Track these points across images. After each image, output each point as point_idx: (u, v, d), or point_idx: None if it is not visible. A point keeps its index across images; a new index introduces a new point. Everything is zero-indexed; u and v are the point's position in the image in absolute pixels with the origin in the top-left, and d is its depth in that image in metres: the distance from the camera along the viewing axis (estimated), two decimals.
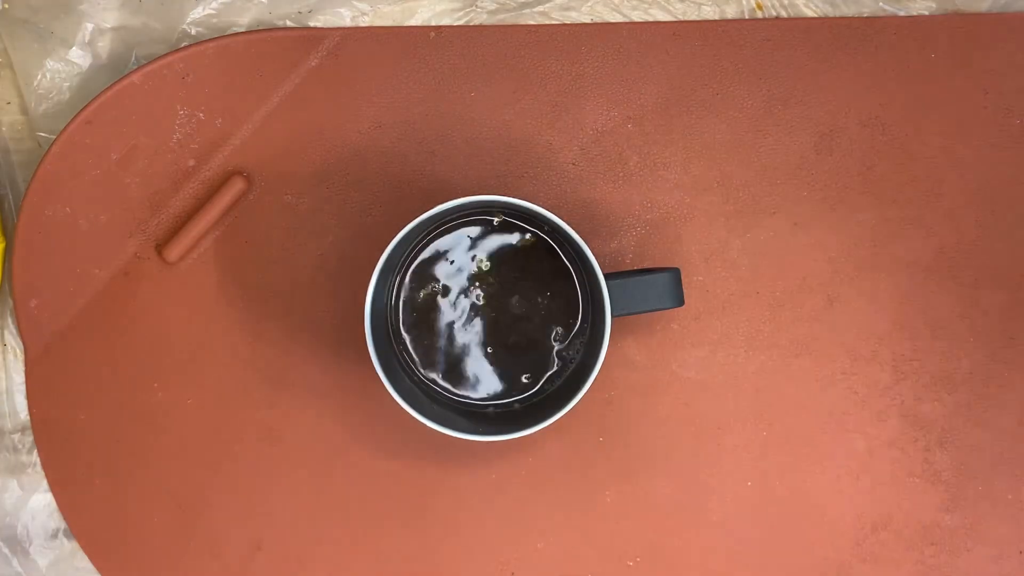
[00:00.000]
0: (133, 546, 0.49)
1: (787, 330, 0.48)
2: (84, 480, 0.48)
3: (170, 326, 0.48)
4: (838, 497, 0.48)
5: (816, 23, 0.48)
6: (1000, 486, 0.48)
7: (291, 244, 0.48)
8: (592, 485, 0.48)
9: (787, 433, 0.48)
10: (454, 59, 0.48)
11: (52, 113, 0.49)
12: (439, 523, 0.48)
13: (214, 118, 0.48)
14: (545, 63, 0.48)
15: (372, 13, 0.49)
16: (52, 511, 0.50)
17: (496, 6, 0.48)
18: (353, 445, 0.48)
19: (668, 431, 0.48)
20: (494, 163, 0.48)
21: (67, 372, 0.48)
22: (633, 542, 0.48)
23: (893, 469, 0.48)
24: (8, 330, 0.50)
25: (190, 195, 0.48)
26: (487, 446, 0.48)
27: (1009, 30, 0.48)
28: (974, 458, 0.48)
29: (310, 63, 0.48)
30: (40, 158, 0.48)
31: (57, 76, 0.49)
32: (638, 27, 0.48)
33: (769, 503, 0.48)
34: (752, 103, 0.48)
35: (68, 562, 0.50)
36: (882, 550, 0.48)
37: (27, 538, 0.50)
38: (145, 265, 0.48)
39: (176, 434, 0.48)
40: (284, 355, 0.48)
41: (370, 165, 0.48)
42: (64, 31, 0.48)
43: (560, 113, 0.48)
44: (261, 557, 0.49)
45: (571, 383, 0.44)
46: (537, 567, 0.48)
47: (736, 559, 0.48)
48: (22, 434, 0.50)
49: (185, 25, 0.48)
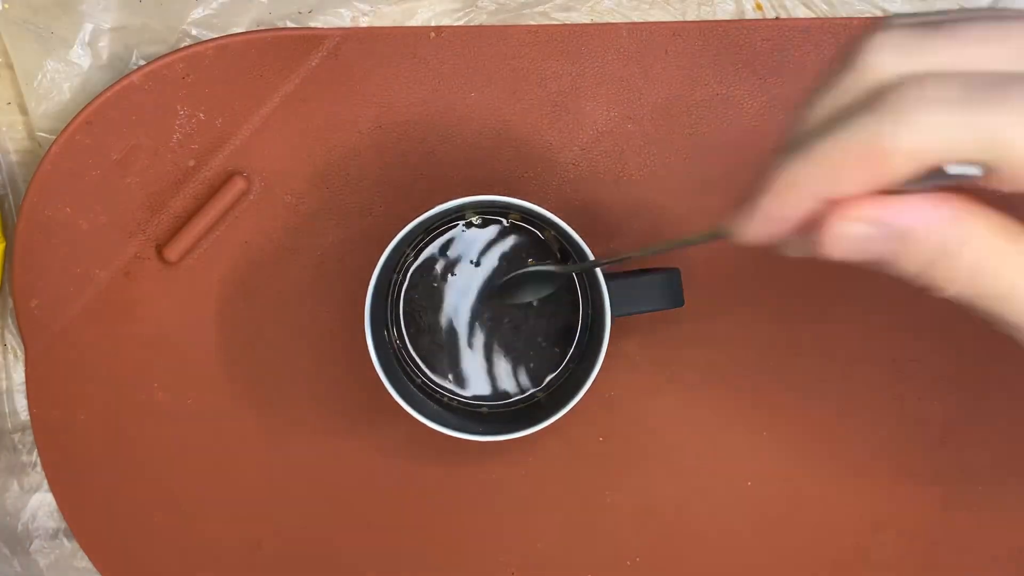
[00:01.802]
0: (133, 546, 0.49)
1: (787, 330, 0.48)
2: (84, 480, 0.48)
3: (170, 326, 0.48)
4: (838, 497, 0.48)
5: (816, 23, 0.48)
6: (1000, 486, 0.48)
7: (291, 244, 0.48)
8: (592, 485, 0.48)
9: (787, 433, 0.48)
10: (454, 59, 0.48)
11: (52, 113, 0.49)
12: (439, 523, 0.48)
13: (214, 118, 0.48)
14: (545, 63, 0.48)
15: (372, 13, 0.49)
16: (52, 511, 0.50)
17: (496, 6, 0.48)
18: (353, 445, 0.48)
19: (668, 431, 0.48)
20: (494, 163, 0.48)
21: (67, 372, 0.48)
22: (633, 542, 0.48)
23: (893, 469, 0.48)
24: (8, 330, 0.50)
25: (190, 195, 0.48)
26: (487, 446, 0.48)
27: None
28: (974, 458, 0.48)
29: (310, 63, 0.48)
30: (40, 158, 0.48)
31: (57, 76, 0.49)
32: (638, 27, 0.48)
33: (769, 503, 0.48)
34: (752, 103, 0.48)
35: (68, 562, 0.50)
36: (882, 550, 0.48)
37: (27, 538, 0.50)
38: (145, 265, 0.48)
39: (176, 434, 0.48)
40: (284, 355, 0.48)
41: (370, 165, 0.48)
42: (64, 31, 0.48)
43: (560, 113, 0.48)
44: (261, 557, 0.49)
45: (571, 383, 0.44)
46: (537, 567, 0.48)
47: (736, 559, 0.48)
48: (22, 434, 0.50)
49: (185, 25, 0.48)
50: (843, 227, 0.25)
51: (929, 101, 0.23)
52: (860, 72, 0.25)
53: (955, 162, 0.23)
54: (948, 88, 0.24)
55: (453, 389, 0.46)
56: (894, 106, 0.24)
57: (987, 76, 0.24)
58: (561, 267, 0.44)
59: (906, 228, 0.25)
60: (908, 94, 0.24)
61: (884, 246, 0.25)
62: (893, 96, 0.24)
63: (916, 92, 0.24)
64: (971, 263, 0.25)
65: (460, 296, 0.46)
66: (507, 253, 0.46)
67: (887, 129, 0.24)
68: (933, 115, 0.23)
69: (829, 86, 0.26)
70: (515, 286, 0.44)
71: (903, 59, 0.25)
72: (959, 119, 0.23)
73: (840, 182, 0.25)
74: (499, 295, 0.45)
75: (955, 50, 0.25)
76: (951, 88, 0.24)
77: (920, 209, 0.24)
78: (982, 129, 0.23)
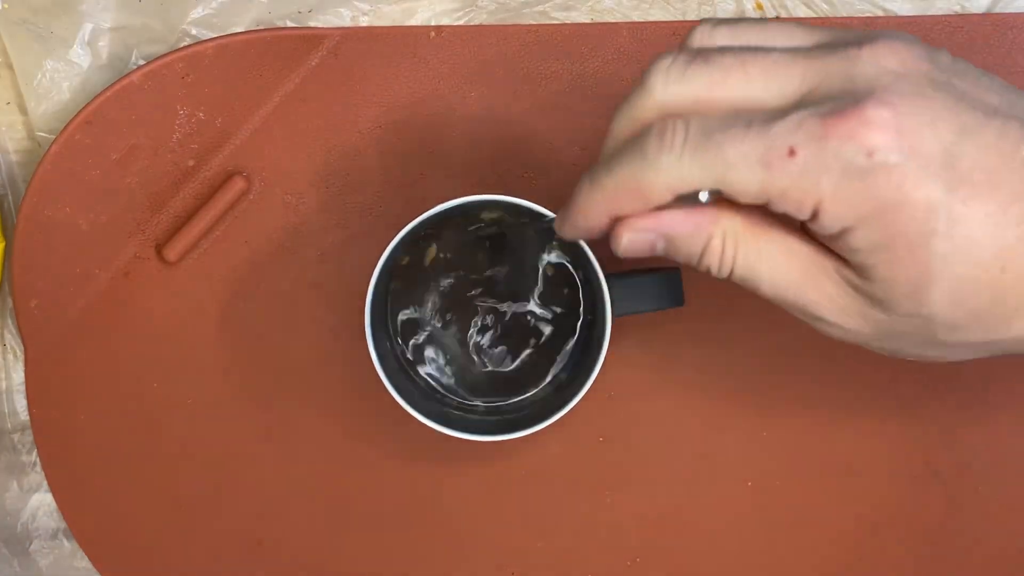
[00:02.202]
0: (133, 546, 0.49)
1: (787, 330, 0.48)
2: (84, 480, 0.48)
3: (170, 326, 0.48)
4: (838, 497, 0.48)
5: (816, 23, 0.48)
6: (1000, 486, 0.48)
7: (291, 244, 0.48)
8: (592, 485, 0.48)
9: (787, 433, 0.48)
10: (454, 59, 0.48)
11: (52, 113, 0.49)
12: (439, 523, 0.48)
13: (214, 118, 0.48)
14: (545, 63, 0.48)
15: (372, 13, 0.49)
16: (52, 511, 0.50)
17: (496, 5, 0.48)
18: (353, 445, 0.48)
19: (668, 431, 0.48)
20: (494, 163, 0.48)
21: (67, 372, 0.48)
22: (633, 542, 0.48)
23: (893, 469, 0.48)
24: (8, 330, 0.50)
25: (190, 195, 0.48)
26: (487, 446, 0.47)
27: (1009, 30, 0.48)
28: (974, 458, 0.48)
29: (310, 63, 0.48)
30: (40, 158, 0.48)
31: (57, 76, 0.49)
32: (638, 27, 0.48)
33: (769, 503, 0.48)
34: None
35: (68, 562, 0.50)
36: (882, 551, 0.48)
37: (26, 538, 0.50)
38: (145, 265, 0.48)
39: (176, 434, 0.48)
40: (284, 355, 0.48)
41: (370, 165, 0.48)
42: (64, 31, 0.48)
43: (560, 113, 0.48)
44: (261, 557, 0.49)
45: (571, 383, 0.44)
46: (537, 567, 0.48)
47: (736, 559, 0.48)
48: (22, 434, 0.50)
49: (185, 25, 0.48)
50: (626, 236, 0.34)
51: (669, 149, 0.31)
52: (646, 94, 0.33)
53: (696, 191, 0.32)
54: (686, 134, 0.31)
55: (453, 389, 0.46)
56: (647, 151, 0.32)
57: (717, 120, 0.31)
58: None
59: (669, 234, 0.33)
60: (654, 143, 0.32)
61: (658, 246, 0.34)
62: (648, 141, 0.32)
63: (657, 142, 0.32)
64: (721, 256, 0.33)
65: (460, 296, 0.46)
66: (507, 253, 0.45)
67: (642, 173, 0.32)
68: (673, 160, 0.31)
69: (627, 103, 0.34)
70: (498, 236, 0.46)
71: (672, 87, 0.32)
72: (691, 163, 0.31)
73: (621, 207, 0.33)
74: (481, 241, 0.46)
75: (708, 81, 0.32)
76: (689, 133, 0.31)
77: (678, 219, 0.33)
78: (708, 170, 0.31)
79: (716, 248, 0.33)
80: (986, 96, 0.32)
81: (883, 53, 0.31)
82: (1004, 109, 0.32)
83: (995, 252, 0.31)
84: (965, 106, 0.31)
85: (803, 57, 0.32)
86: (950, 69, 0.32)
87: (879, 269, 0.32)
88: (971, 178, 0.30)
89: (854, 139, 0.30)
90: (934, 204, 0.30)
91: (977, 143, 0.31)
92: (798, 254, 0.33)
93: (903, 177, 0.30)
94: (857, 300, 0.33)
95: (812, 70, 0.32)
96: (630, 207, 0.33)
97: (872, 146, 0.30)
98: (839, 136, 0.30)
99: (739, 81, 0.32)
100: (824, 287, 0.33)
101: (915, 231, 0.31)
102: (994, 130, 0.31)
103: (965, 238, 0.31)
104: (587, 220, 0.34)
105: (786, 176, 0.31)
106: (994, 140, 0.31)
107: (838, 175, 0.30)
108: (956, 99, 0.31)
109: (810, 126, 0.30)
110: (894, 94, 0.31)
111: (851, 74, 0.31)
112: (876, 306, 0.33)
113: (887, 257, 0.31)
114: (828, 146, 0.30)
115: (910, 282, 0.31)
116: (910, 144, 0.30)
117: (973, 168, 0.30)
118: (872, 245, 0.31)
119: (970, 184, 0.30)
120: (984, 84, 0.32)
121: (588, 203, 0.34)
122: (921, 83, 0.31)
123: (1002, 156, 0.31)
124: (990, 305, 0.32)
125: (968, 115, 0.31)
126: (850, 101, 0.30)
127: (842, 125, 0.30)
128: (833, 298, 0.33)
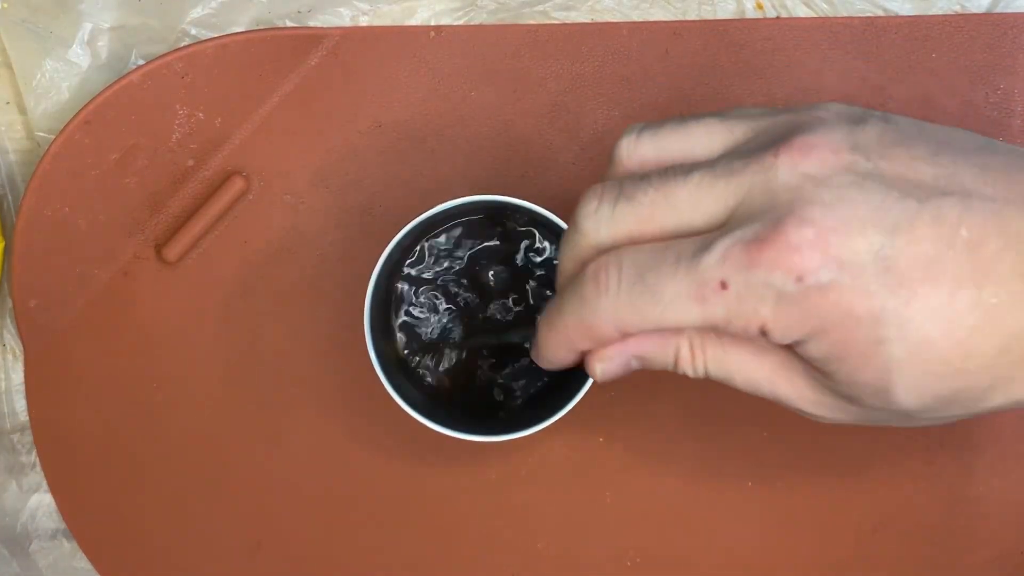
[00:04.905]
0: (133, 546, 0.49)
1: None
2: (84, 480, 0.48)
3: (170, 326, 0.48)
4: (838, 497, 0.48)
5: (816, 23, 0.48)
6: (1000, 486, 0.48)
7: (290, 244, 0.48)
8: (592, 485, 0.48)
9: (787, 433, 0.48)
10: (454, 59, 0.48)
11: (51, 113, 0.49)
12: (439, 523, 0.48)
13: (214, 118, 0.48)
14: (545, 63, 0.48)
15: (372, 13, 0.49)
16: (52, 511, 0.50)
17: (496, 5, 0.48)
18: (353, 445, 0.48)
19: (668, 431, 0.48)
20: (494, 163, 0.48)
21: (67, 372, 0.48)
22: (633, 542, 0.48)
23: (893, 469, 0.48)
24: (8, 330, 0.50)
25: (190, 195, 0.48)
26: (487, 446, 0.48)
27: (1009, 30, 0.48)
28: (974, 458, 0.48)
29: (310, 63, 0.48)
30: (39, 158, 0.48)
31: (56, 75, 0.49)
32: (638, 27, 0.48)
33: (769, 503, 0.48)
34: (752, 103, 0.48)
35: (68, 562, 0.50)
36: (882, 550, 0.48)
37: (26, 538, 0.50)
38: (145, 265, 0.48)
39: (176, 434, 0.48)
40: (284, 355, 0.48)
41: (370, 165, 0.48)
42: (63, 31, 0.48)
43: (560, 113, 0.48)
44: (261, 557, 0.49)
45: (572, 383, 0.44)
46: (537, 567, 0.48)
47: (736, 559, 0.48)
48: (22, 434, 0.50)
49: (184, 24, 0.48)
50: (598, 367, 0.34)
51: (605, 292, 0.32)
52: (580, 236, 0.34)
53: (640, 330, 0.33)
54: (619, 275, 0.32)
55: (453, 389, 0.46)
56: (585, 296, 0.33)
57: (648, 255, 0.32)
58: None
59: (638, 353, 0.34)
60: (590, 288, 0.33)
61: (632, 364, 0.34)
62: (585, 285, 0.33)
63: (593, 287, 0.33)
64: (693, 362, 0.34)
65: (460, 296, 0.46)
66: (507, 253, 0.45)
67: (585, 316, 0.33)
68: (611, 303, 0.32)
69: (565, 242, 0.35)
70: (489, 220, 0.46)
71: (604, 230, 0.33)
72: (628, 307, 0.32)
73: (580, 345, 0.34)
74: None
75: (636, 219, 0.33)
76: (623, 275, 0.32)
77: (643, 339, 0.33)
78: (645, 313, 0.32)
79: (686, 356, 0.34)
80: (920, 172, 0.30)
81: (799, 156, 0.30)
82: (941, 184, 0.30)
83: (954, 344, 0.30)
84: (894, 198, 0.30)
85: (723, 175, 0.32)
86: (876, 150, 0.31)
87: (840, 375, 0.31)
88: (910, 277, 0.29)
89: (780, 267, 0.29)
90: (877, 313, 0.29)
91: (910, 238, 0.29)
92: (768, 353, 0.33)
93: (839, 294, 0.29)
94: (828, 395, 0.33)
95: (731, 188, 0.31)
96: (587, 344, 0.34)
97: (800, 271, 0.29)
98: (765, 265, 0.30)
99: (665, 213, 0.32)
100: (795, 383, 0.33)
101: (865, 341, 0.30)
102: (928, 217, 0.30)
103: (919, 338, 0.30)
104: (556, 356, 0.35)
105: (723, 307, 0.31)
106: (929, 229, 0.30)
107: (773, 302, 0.30)
108: (883, 193, 0.30)
109: (736, 256, 0.30)
110: (816, 206, 0.30)
111: (771, 187, 0.31)
112: (848, 400, 0.32)
113: (844, 366, 0.31)
114: (757, 275, 0.30)
115: (871, 385, 0.31)
116: (839, 258, 0.29)
117: (910, 266, 0.29)
118: (826, 356, 0.31)
119: (909, 283, 0.29)
120: (919, 153, 0.31)
121: (549, 343, 0.35)
122: (843, 184, 0.30)
123: (940, 242, 0.30)
124: (962, 390, 0.31)
125: (898, 208, 0.30)
126: (772, 221, 0.30)
127: (766, 252, 0.30)
128: (805, 393, 0.33)
